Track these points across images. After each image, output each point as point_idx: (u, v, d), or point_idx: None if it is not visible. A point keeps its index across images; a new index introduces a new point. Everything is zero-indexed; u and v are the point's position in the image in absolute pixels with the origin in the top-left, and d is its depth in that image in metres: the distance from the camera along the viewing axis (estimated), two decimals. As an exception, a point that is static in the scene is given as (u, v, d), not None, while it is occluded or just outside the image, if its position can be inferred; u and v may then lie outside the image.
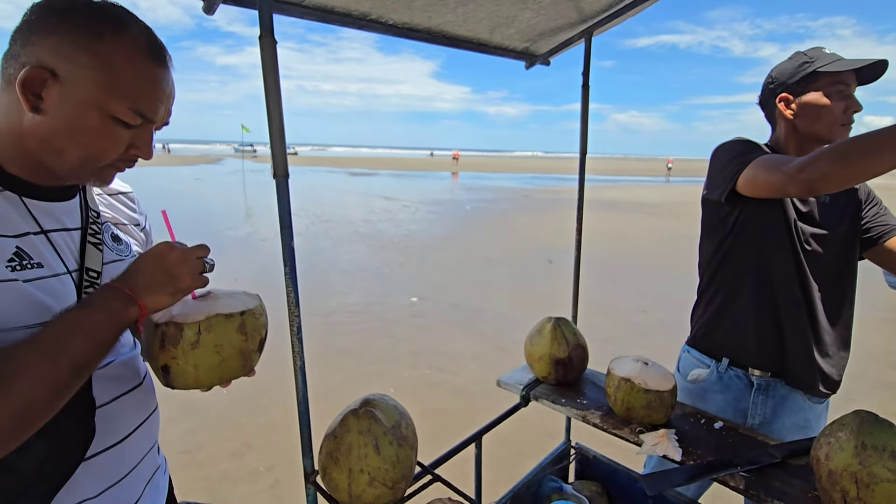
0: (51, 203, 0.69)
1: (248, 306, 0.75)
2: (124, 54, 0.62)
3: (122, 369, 0.76)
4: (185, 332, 0.69)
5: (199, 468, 2.47)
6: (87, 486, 0.69)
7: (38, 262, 0.63)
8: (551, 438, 2.62)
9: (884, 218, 1.35)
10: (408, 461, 0.88)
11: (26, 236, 0.63)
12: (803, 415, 1.35)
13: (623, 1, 1.42)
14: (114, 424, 0.72)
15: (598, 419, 1.24)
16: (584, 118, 1.61)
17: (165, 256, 0.66)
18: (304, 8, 1.04)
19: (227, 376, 0.75)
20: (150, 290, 0.65)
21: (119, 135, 0.65)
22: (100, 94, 0.61)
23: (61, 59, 0.59)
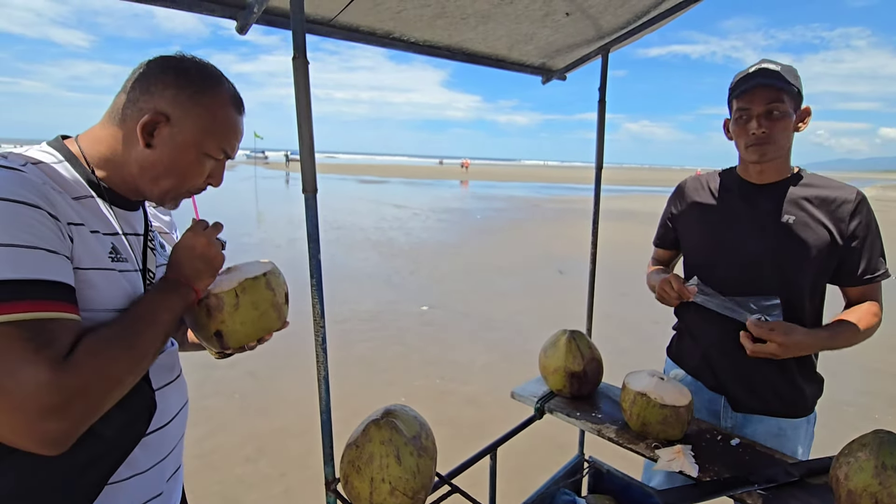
0: (128, 212, 0.82)
1: (267, 269, 0.87)
2: (220, 105, 0.78)
3: (168, 360, 0.87)
4: (224, 299, 0.81)
5: (213, 473, 2.50)
6: (141, 461, 0.79)
7: (125, 258, 0.76)
8: (563, 451, 2.60)
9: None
10: (428, 472, 0.90)
11: (116, 236, 0.76)
12: (776, 423, 1.33)
13: (640, 18, 1.45)
14: (164, 407, 0.83)
15: (614, 433, 1.24)
16: (601, 132, 1.63)
17: (195, 247, 0.80)
18: (333, 27, 1.07)
19: (269, 327, 0.88)
20: (197, 275, 0.79)
21: (204, 168, 0.80)
22: (200, 136, 0.76)
23: (176, 107, 0.74)
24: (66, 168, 0.72)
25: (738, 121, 1.22)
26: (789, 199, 1.24)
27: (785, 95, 1.16)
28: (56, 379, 0.54)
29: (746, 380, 1.33)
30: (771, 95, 1.16)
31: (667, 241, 1.54)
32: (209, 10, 0.94)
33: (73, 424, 0.57)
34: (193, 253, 0.79)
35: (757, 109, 1.17)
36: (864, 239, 1.21)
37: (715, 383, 1.39)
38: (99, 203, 0.74)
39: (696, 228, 1.41)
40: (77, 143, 0.76)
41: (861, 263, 1.22)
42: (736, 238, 1.30)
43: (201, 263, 0.79)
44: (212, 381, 3.51)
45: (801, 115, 1.22)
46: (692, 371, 1.46)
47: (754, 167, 1.27)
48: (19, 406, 0.53)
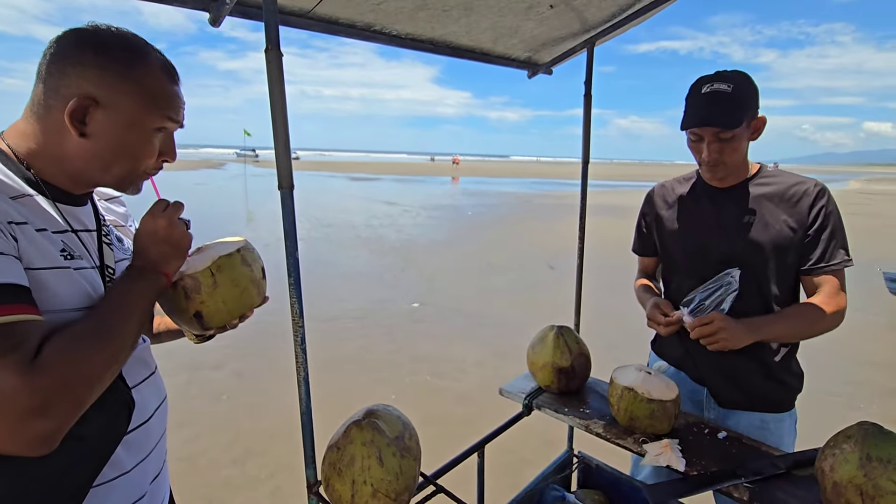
0: (75, 207, 0.77)
1: (240, 245, 0.85)
2: (150, 75, 0.73)
3: (142, 356, 0.85)
4: (201, 280, 0.79)
5: (200, 475, 2.47)
6: (125, 460, 0.77)
7: (79, 256, 0.72)
8: (553, 447, 2.60)
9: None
10: (411, 472, 0.88)
11: (66, 233, 0.73)
12: (759, 416, 1.34)
13: (625, 11, 1.43)
14: (143, 404, 0.81)
15: (602, 429, 1.24)
16: (587, 126, 1.61)
17: (157, 230, 0.76)
18: (309, 19, 1.05)
19: (250, 304, 0.86)
20: (164, 259, 0.76)
21: (154, 144, 0.76)
22: (140, 113, 0.71)
23: (103, 88, 0.68)
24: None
25: (690, 140, 1.27)
26: (751, 199, 1.29)
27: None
28: (28, 382, 0.53)
29: (727, 374, 1.35)
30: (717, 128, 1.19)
31: (646, 248, 1.57)
32: (181, 2, 0.91)
33: (58, 423, 0.56)
34: (156, 237, 0.76)
35: (707, 136, 1.22)
36: (823, 229, 1.23)
37: (697, 376, 1.41)
38: (41, 201, 0.71)
39: (668, 234, 1.45)
40: (3, 141, 0.71)
41: (817, 253, 1.24)
42: (705, 240, 1.34)
43: (166, 246, 0.76)
44: (198, 382, 3.47)
45: (754, 126, 1.24)
46: (675, 363, 1.47)
47: (709, 180, 1.35)
48: (3, 412, 0.53)
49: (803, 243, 1.24)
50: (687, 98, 1.26)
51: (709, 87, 1.20)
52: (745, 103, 1.19)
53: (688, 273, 1.39)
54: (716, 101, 1.17)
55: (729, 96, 1.17)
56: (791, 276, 1.29)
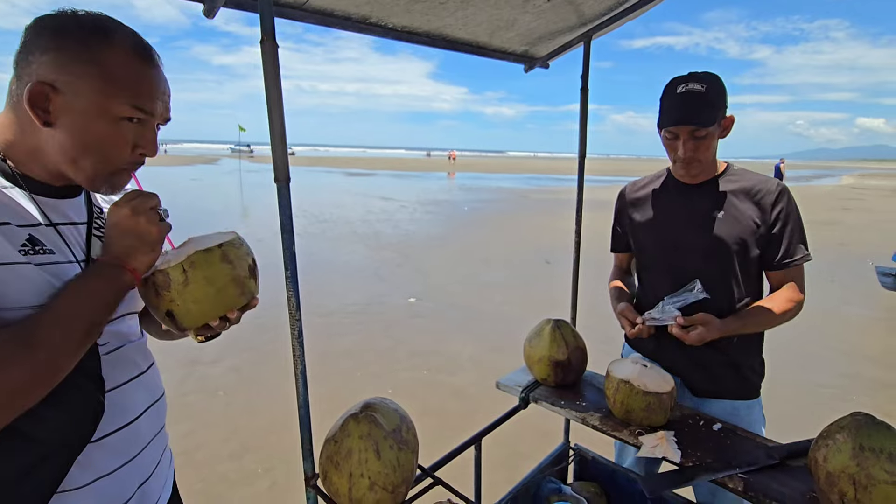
0: (58, 200, 0.74)
1: (225, 240, 0.78)
2: (114, 57, 0.67)
3: (133, 355, 0.82)
4: (171, 276, 0.72)
5: (197, 470, 2.46)
6: (103, 463, 0.74)
7: (51, 249, 0.69)
8: (549, 439, 2.62)
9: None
10: (409, 465, 0.89)
11: (38, 227, 0.69)
12: (730, 404, 1.39)
13: (622, 5, 1.43)
14: (126, 406, 0.78)
15: (598, 421, 1.24)
16: (584, 121, 1.61)
17: (119, 222, 0.70)
18: (305, 11, 1.04)
19: (230, 304, 0.77)
20: (128, 253, 0.70)
21: (124, 135, 0.70)
22: (99, 99, 0.66)
23: (58, 72, 0.64)
24: None
25: (666, 139, 1.31)
26: (719, 195, 1.35)
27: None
28: None
29: (698, 365, 1.39)
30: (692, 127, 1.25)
31: (621, 245, 1.60)
32: (174, -9, 0.90)
33: None
34: (119, 228, 0.70)
35: (683, 135, 1.26)
36: (785, 226, 1.30)
37: (671, 367, 1.44)
38: (14, 193, 0.68)
39: (641, 229, 1.49)
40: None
41: (781, 249, 1.31)
42: (676, 235, 1.39)
43: (130, 239, 0.70)
44: (195, 377, 3.46)
45: (724, 124, 1.30)
46: (649, 355, 1.50)
47: (681, 177, 1.40)
48: None
49: (767, 240, 1.31)
50: (662, 98, 1.31)
51: (683, 87, 1.25)
52: (718, 103, 1.25)
53: (660, 267, 1.44)
54: (691, 100, 1.23)
55: (703, 96, 1.22)
56: (755, 268, 1.36)
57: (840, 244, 9.04)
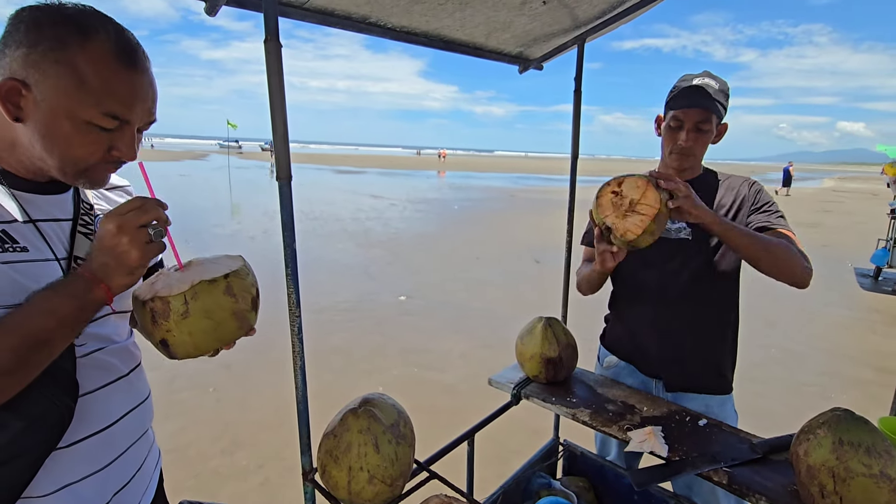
0: (41, 196, 0.72)
1: (232, 268, 0.74)
2: (90, 60, 0.63)
3: (113, 358, 0.78)
4: (172, 305, 0.68)
5: (189, 466, 2.46)
6: (72, 469, 0.71)
7: (24, 247, 0.66)
8: (539, 436, 2.66)
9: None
10: (406, 459, 0.90)
11: (13, 223, 0.66)
12: (703, 400, 1.44)
13: (616, 9, 1.46)
14: (101, 411, 0.75)
15: (588, 417, 1.27)
16: (576, 122, 1.64)
17: (103, 237, 0.65)
18: (306, 11, 1.05)
19: (227, 339, 0.74)
20: (104, 271, 0.65)
21: (95, 139, 0.66)
22: (68, 102, 0.63)
23: (30, 69, 0.62)
24: None
25: (669, 128, 1.35)
26: (704, 192, 1.38)
27: (714, 116, 1.30)
28: None
29: (677, 358, 1.43)
30: (703, 115, 1.30)
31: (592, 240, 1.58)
32: (176, -11, 0.90)
33: None
34: (101, 244, 0.65)
35: (688, 124, 1.31)
36: (762, 206, 1.36)
37: (647, 367, 1.49)
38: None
39: None
40: None
41: (762, 217, 1.34)
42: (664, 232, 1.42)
43: (106, 256, 0.65)
44: (185, 374, 3.44)
45: (720, 130, 1.38)
46: (625, 357, 1.54)
47: (674, 170, 1.41)
48: None
49: (752, 218, 1.35)
50: (675, 88, 1.36)
51: (700, 79, 1.32)
52: (724, 105, 1.32)
53: (643, 260, 1.42)
54: (706, 92, 1.29)
55: (716, 91, 1.30)
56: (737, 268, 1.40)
57: (823, 245, 9.24)
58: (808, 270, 1.23)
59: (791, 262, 1.20)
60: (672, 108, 1.33)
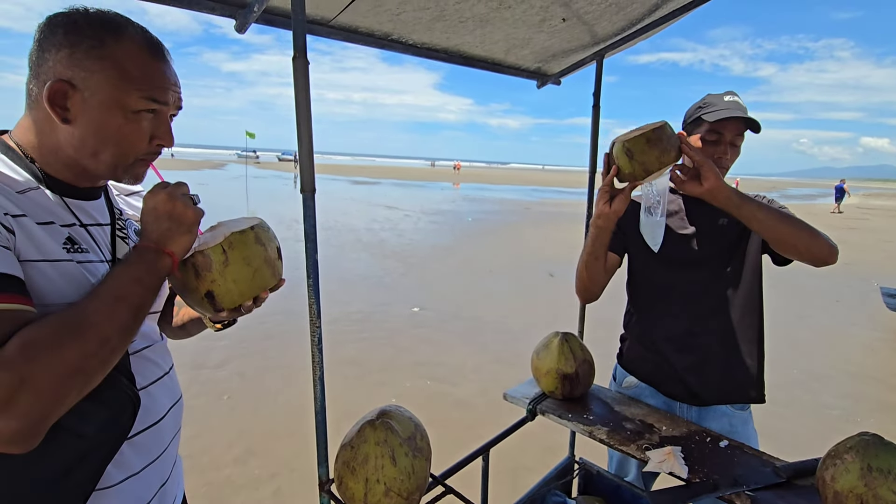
0: (85, 202, 0.76)
1: (255, 223, 0.80)
2: (126, 52, 0.69)
3: (156, 356, 0.84)
4: (212, 256, 0.74)
5: (202, 474, 2.47)
6: (133, 462, 0.76)
7: (86, 248, 0.71)
8: (553, 452, 2.62)
9: None
10: (422, 472, 0.90)
11: (73, 227, 0.72)
12: (727, 420, 1.40)
13: (635, 25, 1.47)
14: (151, 406, 0.79)
15: (605, 435, 1.26)
16: (595, 137, 1.65)
17: (157, 206, 0.72)
18: (331, 28, 1.08)
19: (264, 284, 0.80)
20: (167, 236, 0.71)
21: (141, 127, 0.72)
22: (115, 93, 0.68)
23: (74, 69, 0.66)
24: (1, 162, 0.68)
25: (708, 141, 1.33)
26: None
27: (744, 131, 1.31)
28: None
29: (701, 368, 1.40)
30: (741, 128, 1.30)
31: (614, 245, 1.51)
32: (209, 8, 0.94)
33: (25, 423, 0.53)
34: (156, 212, 0.71)
35: (727, 137, 1.31)
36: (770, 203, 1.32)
37: (670, 384, 1.45)
38: (47, 195, 0.70)
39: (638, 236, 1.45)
40: (11, 138, 0.72)
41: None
42: (683, 240, 1.41)
43: (167, 222, 0.71)
44: (200, 381, 3.47)
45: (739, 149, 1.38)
46: (644, 378, 1.50)
47: None
48: None
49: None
50: (707, 104, 1.35)
51: (731, 97, 1.32)
52: None
53: (658, 272, 1.43)
54: (741, 107, 1.30)
55: (745, 110, 1.31)
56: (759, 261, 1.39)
57: (846, 264, 9.02)
58: (833, 245, 1.19)
59: (815, 235, 1.17)
60: (708, 120, 1.30)
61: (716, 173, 1.13)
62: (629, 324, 1.58)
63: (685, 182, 1.17)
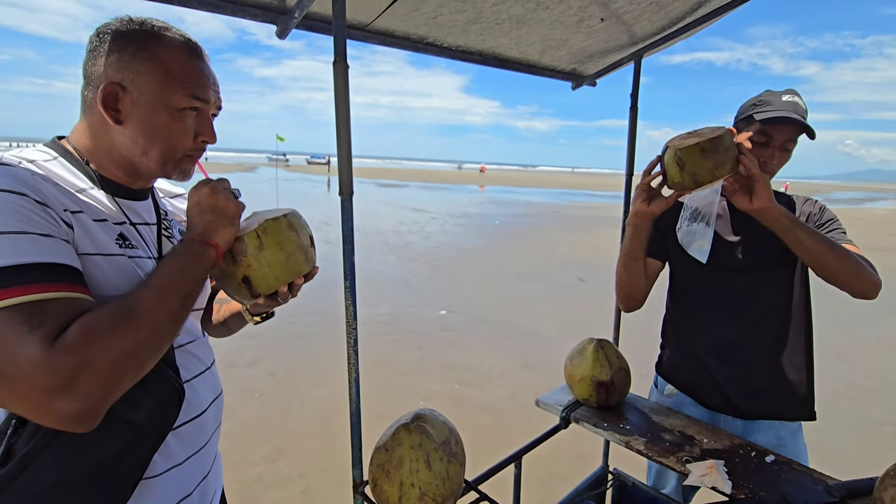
0: (133, 202, 0.81)
1: (288, 212, 0.83)
2: (168, 53, 0.73)
3: (198, 350, 0.87)
4: (247, 242, 0.77)
5: (234, 470, 2.53)
6: (177, 453, 0.78)
7: (135, 245, 0.76)
8: (585, 462, 2.56)
9: None
10: (457, 478, 0.89)
11: (123, 225, 0.76)
12: (775, 432, 1.34)
13: (676, 24, 1.43)
14: (194, 399, 0.82)
15: (643, 446, 1.22)
16: (632, 139, 1.61)
17: (201, 200, 0.76)
18: (369, 32, 1.08)
19: (298, 270, 0.82)
20: (211, 228, 0.75)
21: (186, 124, 0.76)
22: (160, 92, 0.72)
23: (124, 71, 0.71)
24: (60, 164, 0.72)
25: (757, 142, 1.25)
26: None
27: (798, 136, 1.24)
28: (48, 358, 0.53)
29: (744, 380, 1.34)
30: (793, 132, 1.23)
31: (655, 250, 1.45)
32: (251, 14, 0.96)
33: (85, 404, 0.55)
34: (201, 206, 0.75)
35: (778, 140, 1.24)
36: (826, 222, 1.31)
37: (709, 396, 1.39)
38: (101, 195, 0.74)
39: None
40: (69, 142, 0.76)
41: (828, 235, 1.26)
42: (729, 246, 1.35)
43: (211, 215, 0.75)
44: (232, 379, 3.56)
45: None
46: (685, 388, 1.44)
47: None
48: (27, 389, 0.53)
49: None
50: (761, 102, 1.27)
51: (790, 97, 1.24)
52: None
53: (702, 279, 1.37)
54: (797, 109, 1.22)
55: (803, 110, 1.23)
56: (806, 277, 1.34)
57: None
58: (877, 282, 1.18)
59: (859, 269, 1.15)
60: (759, 120, 1.23)
61: (769, 192, 1.09)
62: (668, 332, 1.53)
63: (734, 193, 1.13)
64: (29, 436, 0.62)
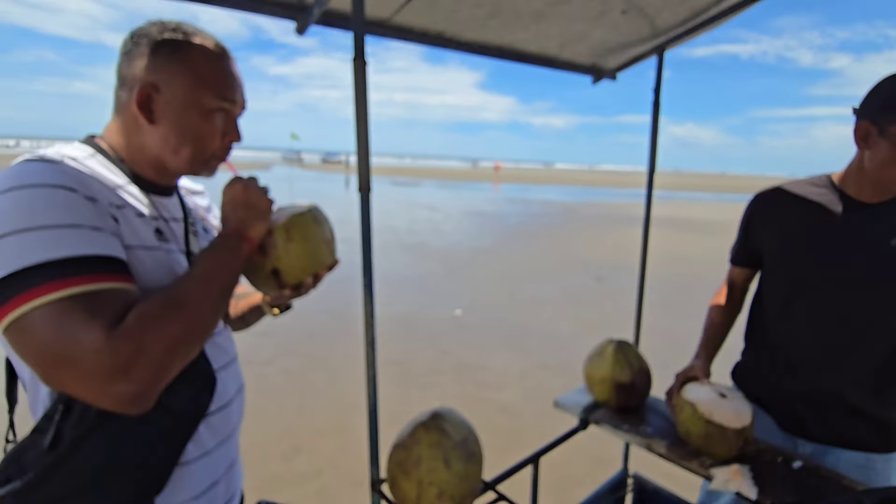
0: (163, 198, 0.83)
1: (310, 207, 0.87)
2: (199, 55, 0.76)
3: (223, 342, 0.90)
4: (275, 235, 0.81)
5: (249, 468, 2.53)
6: (207, 440, 0.81)
7: (169, 239, 0.79)
8: (603, 466, 2.52)
9: None
10: (475, 477, 0.88)
11: (158, 220, 0.79)
12: (863, 454, 1.18)
13: (700, 16, 1.39)
14: (221, 389, 0.84)
15: (665, 449, 1.19)
16: (654, 135, 1.57)
17: (235, 197, 0.79)
18: (387, 28, 1.08)
19: (322, 261, 0.86)
20: (244, 223, 0.78)
21: (215, 125, 0.79)
22: (193, 93, 0.75)
23: (157, 73, 0.74)
24: (98, 161, 0.74)
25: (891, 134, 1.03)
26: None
27: None
28: (110, 343, 0.57)
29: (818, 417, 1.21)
30: None
31: (744, 258, 1.37)
32: (270, 11, 0.96)
33: (142, 386, 0.59)
34: (234, 202, 0.79)
35: None
36: None
37: (782, 421, 1.27)
38: (136, 191, 0.77)
39: (783, 246, 1.24)
40: (104, 141, 0.79)
41: None
42: (836, 260, 1.15)
43: (244, 210, 0.78)
44: (248, 376, 3.53)
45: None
46: (756, 398, 1.32)
47: (871, 186, 1.12)
48: (88, 372, 0.56)
49: None
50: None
51: None
52: None
53: (799, 291, 1.21)
54: None
55: None
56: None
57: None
58: None
59: None
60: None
61: None
62: (752, 333, 1.38)
63: None
64: (76, 420, 0.65)
